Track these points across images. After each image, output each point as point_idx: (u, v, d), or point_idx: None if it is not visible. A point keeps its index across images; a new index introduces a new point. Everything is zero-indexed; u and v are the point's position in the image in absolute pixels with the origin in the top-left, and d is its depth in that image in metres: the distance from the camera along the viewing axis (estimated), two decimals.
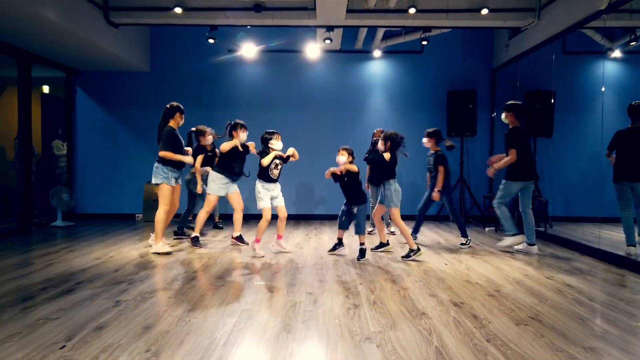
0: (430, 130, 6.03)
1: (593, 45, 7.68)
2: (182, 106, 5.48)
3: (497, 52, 8.31)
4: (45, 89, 10.88)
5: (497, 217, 5.95)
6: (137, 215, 8.40)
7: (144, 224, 7.78)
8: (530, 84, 7.75)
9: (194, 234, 5.72)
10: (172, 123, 5.41)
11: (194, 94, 8.39)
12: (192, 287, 3.91)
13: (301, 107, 8.42)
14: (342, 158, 5.22)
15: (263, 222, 5.30)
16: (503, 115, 5.86)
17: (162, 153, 5.27)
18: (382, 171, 5.27)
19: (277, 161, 5.36)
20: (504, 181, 5.73)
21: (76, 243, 5.99)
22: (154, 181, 5.38)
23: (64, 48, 6.79)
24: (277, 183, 5.46)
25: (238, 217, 5.65)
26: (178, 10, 6.50)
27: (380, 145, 5.33)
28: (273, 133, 5.38)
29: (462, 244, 5.92)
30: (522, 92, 7.75)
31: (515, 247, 5.72)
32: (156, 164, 5.35)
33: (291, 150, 5.46)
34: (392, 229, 6.75)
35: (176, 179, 5.49)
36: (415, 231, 6.21)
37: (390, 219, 6.51)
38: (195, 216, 6.36)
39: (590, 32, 7.39)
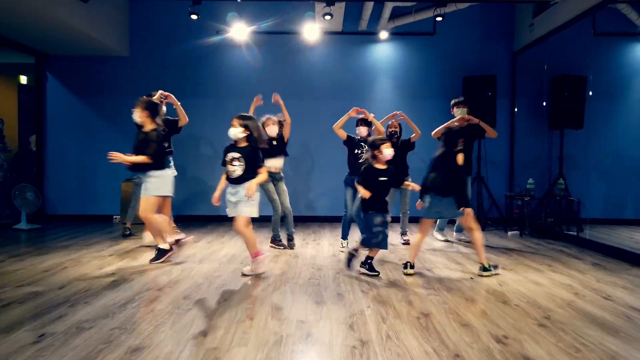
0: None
1: (627, 26, 6.78)
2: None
3: (519, 33, 7.37)
4: (23, 79, 10.02)
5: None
6: (114, 216, 7.49)
7: (121, 227, 6.87)
8: (556, 69, 6.83)
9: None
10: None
11: (178, 80, 7.47)
12: (149, 313, 3.00)
13: (298, 95, 7.49)
14: (390, 151, 4.00)
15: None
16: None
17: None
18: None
19: (234, 154, 4.01)
20: None
21: (32, 250, 5.09)
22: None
23: (22, 25, 5.90)
24: (240, 185, 3.96)
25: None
26: None
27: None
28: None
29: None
30: (547, 77, 6.84)
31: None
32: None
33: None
34: (407, 237, 5.72)
35: None
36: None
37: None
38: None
39: (627, 9, 6.48)
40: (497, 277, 4.04)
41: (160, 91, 5.10)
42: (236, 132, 3.98)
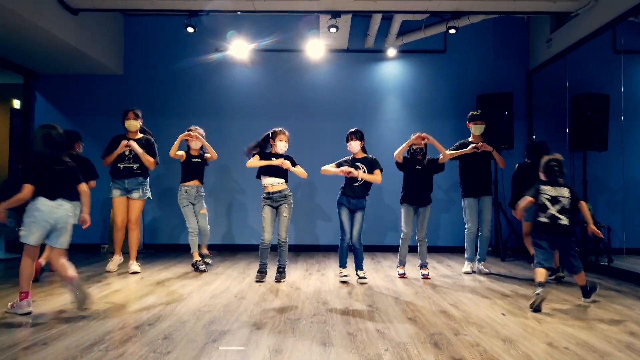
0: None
1: None
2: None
3: (535, 50, 6.96)
4: (16, 103, 9.69)
5: None
6: (102, 245, 6.95)
7: (109, 256, 6.31)
8: (576, 87, 6.39)
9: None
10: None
11: (175, 100, 7.06)
12: (118, 357, 2.43)
13: (302, 115, 7.04)
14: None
15: None
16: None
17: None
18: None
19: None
20: None
21: (2, 281, 4.53)
22: (143, 196, 5.18)
23: (7, 39, 5.51)
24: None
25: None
26: None
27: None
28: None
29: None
30: (568, 96, 6.38)
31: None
32: (144, 179, 5.18)
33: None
34: (427, 270, 5.02)
35: None
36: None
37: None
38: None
39: None
40: (532, 313, 3.46)
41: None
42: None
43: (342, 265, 4.78)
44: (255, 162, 4.55)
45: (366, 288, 4.35)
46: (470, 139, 5.24)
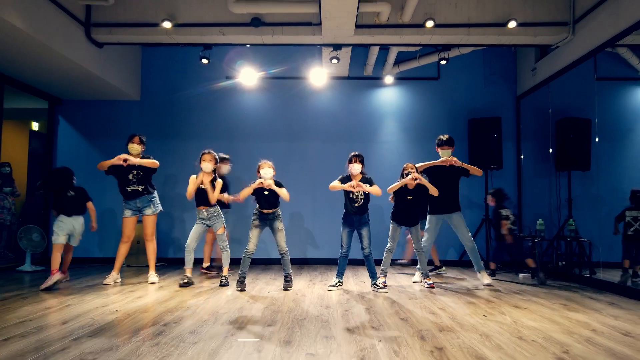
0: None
1: (628, 72, 6.90)
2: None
3: (522, 78, 7.52)
4: (35, 125, 10.24)
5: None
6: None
7: (126, 269, 6.80)
8: (560, 112, 6.92)
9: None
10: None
11: (188, 124, 7.63)
12: (154, 346, 2.91)
13: (305, 137, 7.60)
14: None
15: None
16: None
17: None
18: None
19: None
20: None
21: (34, 290, 5.02)
22: (155, 211, 5.65)
23: (39, 69, 6.08)
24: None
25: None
26: (167, 24, 5.81)
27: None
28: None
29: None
30: (552, 121, 6.90)
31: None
32: (152, 195, 5.66)
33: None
34: (430, 281, 5.40)
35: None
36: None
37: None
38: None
39: (627, 53, 6.62)
40: (510, 314, 3.93)
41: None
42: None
43: (338, 274, 5.23)
44: (247, 190, 5.02)
45: (364, 293, 4.81)
46: (438, 161, 5.57)
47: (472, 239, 5.57)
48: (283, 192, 5.03)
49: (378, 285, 5.05)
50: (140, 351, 2.79)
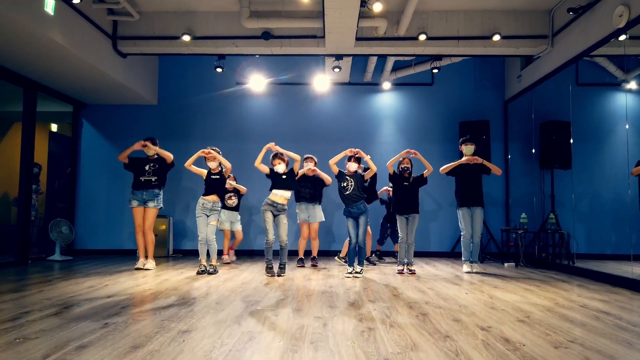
0: None
1: (607, 77, 7.52)
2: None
3: (509, 84, 8.17)
4: (54, 127, 10.88)
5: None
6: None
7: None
8: (544, 115, 7.55)
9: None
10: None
11: (201, 126, 8.28)
12: (189, 311, 3.56)
13: (310, 139, 8.25)
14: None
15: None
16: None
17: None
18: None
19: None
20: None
21: (71, 274, 5.67)
22: (157, 205, 6.18)
23: (70, 77, 6.73)
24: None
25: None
26: (186, 38, 6.47)
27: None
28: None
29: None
30: (537, 124, 7.53)
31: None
32: (159, 191, 6.23)
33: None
34: (413, 267, 6.08)
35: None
36: None
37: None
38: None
39: (605, 62, 7.24)
40: (488, 292, 4.57)
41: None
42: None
43: (350, 264, 5.80)
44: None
45: (364, 278, 5.46)
46: (463, 160, 6.24)
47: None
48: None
49: (356, 270, 5.67)
50: (180, 315, 3.44)
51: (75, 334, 2.89)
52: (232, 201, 6.93)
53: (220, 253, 6.89)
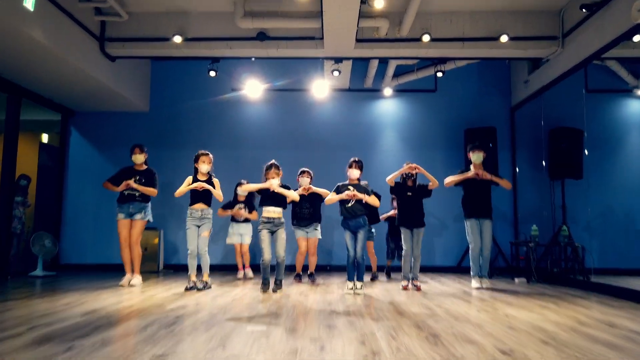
0: None
1: (618, 83, 7.19)
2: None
3: (516, 89, 7.83)
4: (44, 137, 10.52)
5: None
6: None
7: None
8: (553, 122, 7.20)
9: None
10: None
11: (194, 134, 7.93)
12: (169, 332, 3.15)
13: (309, 147, 7.88)
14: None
15: None
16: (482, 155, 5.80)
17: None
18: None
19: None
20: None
21: (50, 290, 5.26)
22: (144, 218, 5.84)
23: (56, 81, 6.40)
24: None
25: None
26: (178, 39, 6.14)
27: None
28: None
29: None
30: (545, 131, 7.18)
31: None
32: (146, 203, 5.89)
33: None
34: (419, 283, 5.68)
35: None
36: None
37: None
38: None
39: (616, 66, 6.92)
40: (502, 310, 4.16)
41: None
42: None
43: (349, 278, 5.30)
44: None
45: (366, 294, 5.04)
46: (471, 167, 5.84)
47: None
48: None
49: (356, 287, 5.18)
50: (158, 336, 3.02)
51: (31, 359, 2.48)
52: (242, 213, 6.57)
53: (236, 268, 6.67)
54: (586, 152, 6.54)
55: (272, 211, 5.26)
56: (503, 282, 6.45)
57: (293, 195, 5.33)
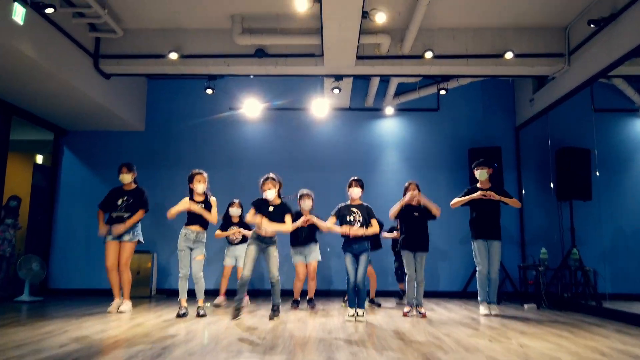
0: None
1: (625, 103, 7.01)
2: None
3: (520, 108, 7.65)
4: (39, 158, 10.31)
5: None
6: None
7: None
8: (558, 141, 6.99)
9: None
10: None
11: (191, 153, 7.70)
12: None
13: (308, 167, 7.65)
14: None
15: None
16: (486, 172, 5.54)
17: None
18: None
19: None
20: None
21: (33, 317, 4.96)
22: (133, 239, 5.54)
23: (48, 99, 6.21)
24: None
25: None
26: (174, 55, 5.98)
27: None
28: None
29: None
30: (552, 151, 6.96)
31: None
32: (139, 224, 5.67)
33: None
34: (423, 309, 5.32)
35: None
36: None
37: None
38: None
39: (623, 84, 6.74)
40: (516, 339, 3.86)
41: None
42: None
43: (350, 305, 5.00)
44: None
45: (368, 322, 4.74)
46: (478, 185, 5.60)
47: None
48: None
49: (358, 314, 4.88)
50: None
51: None
52: (237, 236, 6.27)
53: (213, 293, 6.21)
54: (597, 173, 6.30)
55: (264, 230, 4.89)
56: (512, 308, 6.14)
57: (286, 228, 4.99)
